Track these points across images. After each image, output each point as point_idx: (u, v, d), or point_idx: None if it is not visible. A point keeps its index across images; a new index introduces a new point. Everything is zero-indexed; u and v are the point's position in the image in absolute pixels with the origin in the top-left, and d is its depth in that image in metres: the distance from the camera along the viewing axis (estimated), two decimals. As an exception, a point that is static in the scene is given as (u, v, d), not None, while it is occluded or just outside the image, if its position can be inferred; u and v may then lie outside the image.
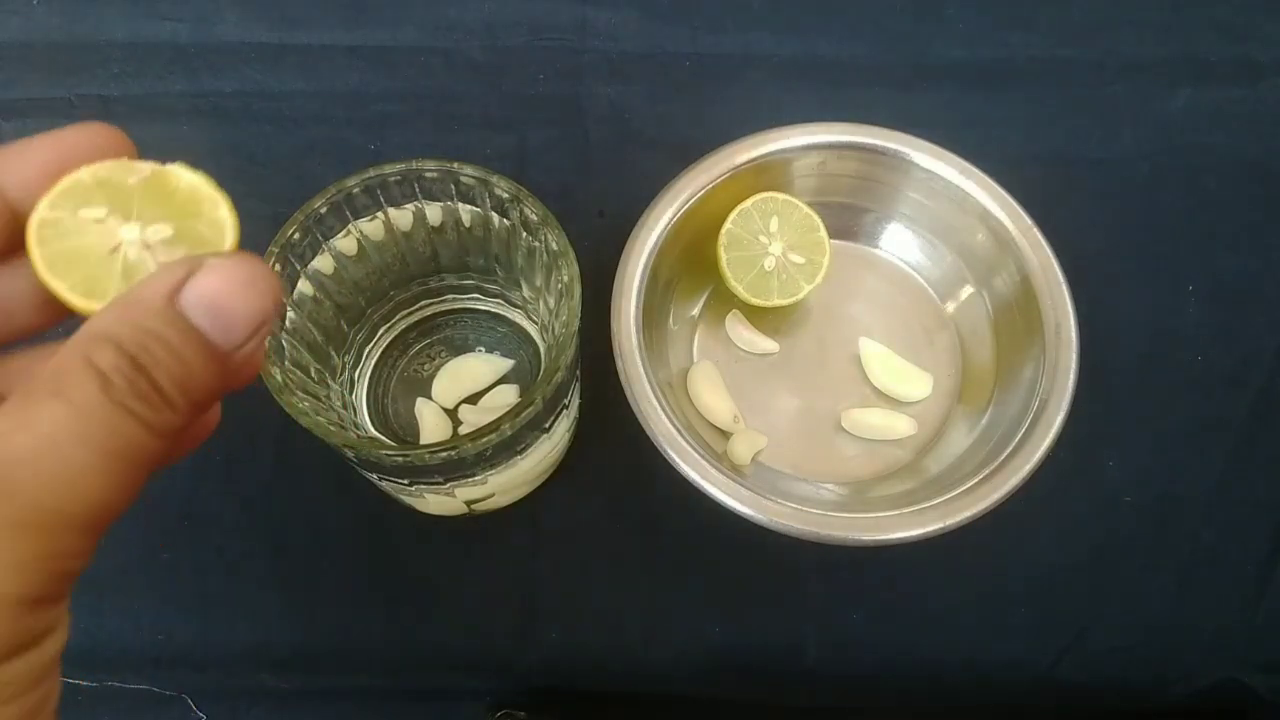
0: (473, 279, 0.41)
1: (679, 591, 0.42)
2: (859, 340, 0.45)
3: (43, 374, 0.18)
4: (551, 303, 0.36)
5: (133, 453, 0.18)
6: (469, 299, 0.42)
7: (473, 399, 0.42)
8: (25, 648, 0.17)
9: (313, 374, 0.36)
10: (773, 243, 0.44)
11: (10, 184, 0.22)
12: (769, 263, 0.44)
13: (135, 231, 0.23)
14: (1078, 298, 0.41)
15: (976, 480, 0.38)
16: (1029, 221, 0.42)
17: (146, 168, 0.25)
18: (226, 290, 0.20)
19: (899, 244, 0.47)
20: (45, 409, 0.17)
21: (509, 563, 0.42)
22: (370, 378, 0.42)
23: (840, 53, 0.53)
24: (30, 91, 0.50)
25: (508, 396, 0.42)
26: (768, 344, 0.45)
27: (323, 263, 0.35)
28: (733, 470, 0.39)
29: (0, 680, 0.17)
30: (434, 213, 0.36)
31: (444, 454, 0.30)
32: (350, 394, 0.40)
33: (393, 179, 0.34)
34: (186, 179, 0.25)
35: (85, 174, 0.23)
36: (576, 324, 0.33)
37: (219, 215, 0.24)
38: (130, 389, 0.18)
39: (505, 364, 0.42)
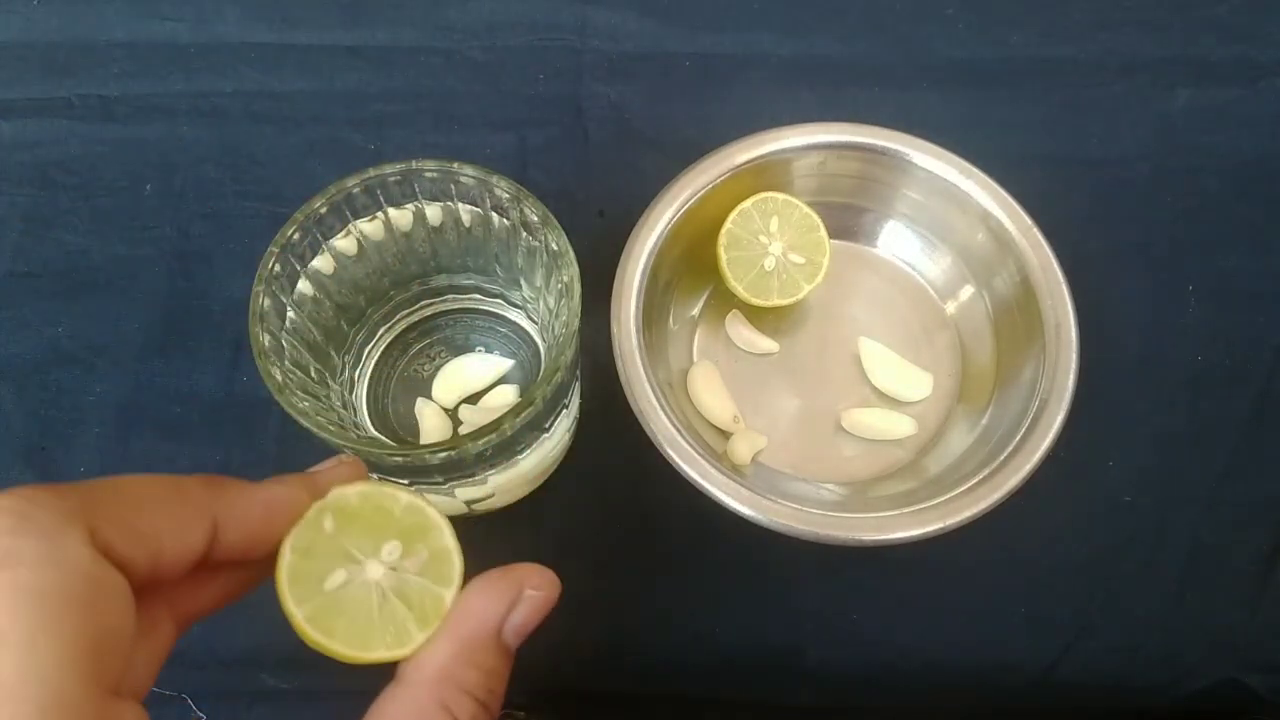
0: (473, 279, 0.41)
1: (679, 591, 0.42)
2: (859, 340, 0.45)
3: (397, 713, 0.20)
4: (551, 303, 0.36)
5: None
6: (469, 299, 0.42)
7: (473, 399, 0.42)
8: None
9: (313, 374, 0.36)
10: (773, 243, 0.44)
11: (230, 523, 0.21)
12: (769, 263, 0.44)
13: (379, 568, 0.24)
14: (1078, 298, 0.41)
15: (976, 480, 0.38)
16: (1029, 221, 0.42)
17: (362, 490, 0.25)
18: (539, 616, 0.23)
19: (899, 244, 0.47)
20: None
21: (509, 562, 0.42)
22: (370, 378, 0.42)
23: (840, 53, 0.53)
24: (30, 91, 0.50)
25: (508, 396, 0.42)
26: (768, 344, 0.45)
27: (323, 263, 0.35)
28: (733, 470, 0.39)
29: None
30: (434, 213, 0.36)
31: (444, 454, 0.30)
32: (350, 394, 0.40)
33: (393, 179, 0.34)
34: (405, 499, 0.25)
35: (314, 513, 0.24)
36: (576, 324, 0.33)
37: (434, 522, 0.25)
38: None
39: (505, 364, 0.42)
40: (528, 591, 0.23)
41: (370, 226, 0.36)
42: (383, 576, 0.24)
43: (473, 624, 0.22)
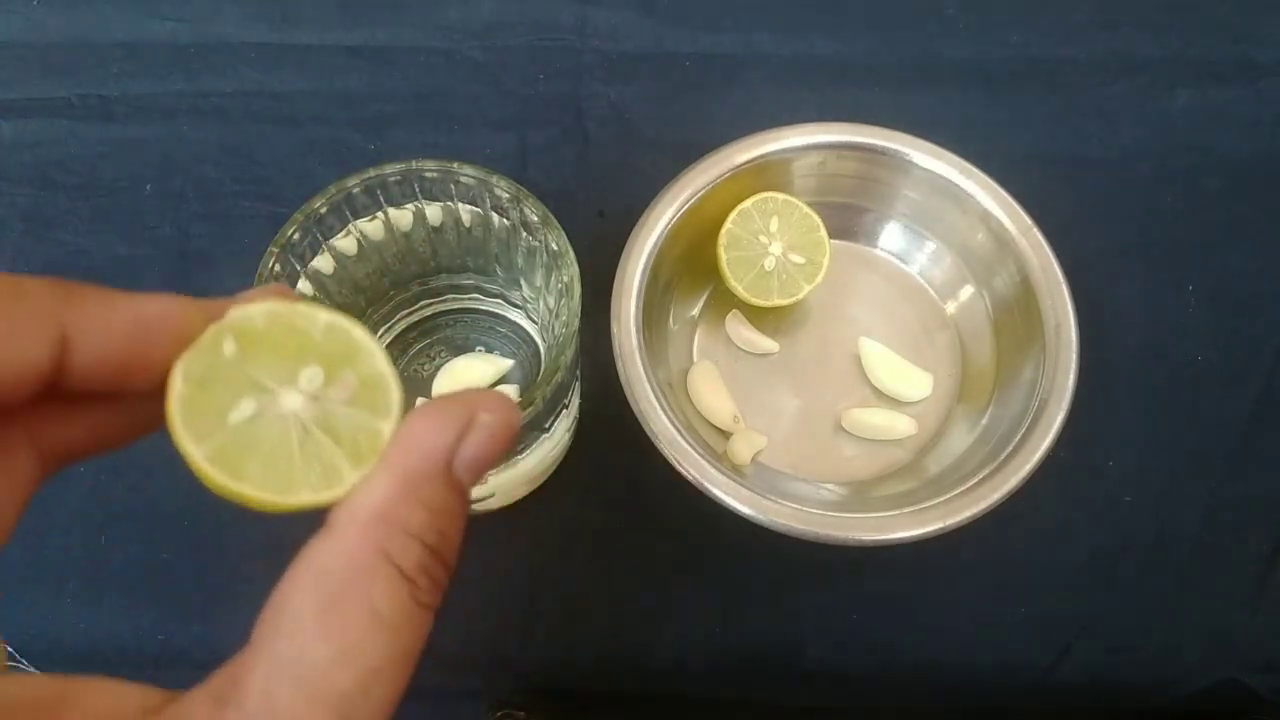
0: (473, 279, 0.41)
1: (679, 591, 0.42)
2: (859, 340, 0.45)
3: (326, 566, 0.17)
4: (551, 303, 0.36)
5: (421, 645, 0.17)
6: (469, 299, 0.42)
7: (473, 399, 0.42)
8: None
9: (313, 374, 0.36)
10: (773, 243, 0.44)
11: (84, 335, 0.17)
12: (769, 263, 0.44)
13: (297, 398, 0.19)
14: (1078, 298, 0.41)
15: (976, 480, 0.38)
16: (1029, 221, 0.42)
17: (270, 309, 0.20)
18: (495, 448, 0.18)
19: (899, 244, 0.47)
20: (365, 638, 0.16)
21: (509, 563, 0.42)
22: (370, 378, 0.41)
23: (840, 53, 0.53)
24: (30, 91, 0.50)
25: (508, 396, 0.42)
26: (768, 344, 0.45)
27: (323, 263, 0.35)
28: (733, 470, 0.39)
29: None
30: (434, 213, 0.36)
31: (444, 454, 0.30)
32: (350, 394, 0.40)
33: (393, 179, 0.34)
34: (324, 319, 0.20)
35: (211, 335, 0.19)
36: (576, 324, 0.33)
37: (365, 346, 0.20)
38: (431, 585, 0.17)
39: (505, 364, 0.42)
40: (482, 416, 0.18)
41: (370, 226, 0.36)
42: (302, 407, 0.19)
43: (416, 455, 0.18)
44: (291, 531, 0.17)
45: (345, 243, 0.36)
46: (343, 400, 0.20)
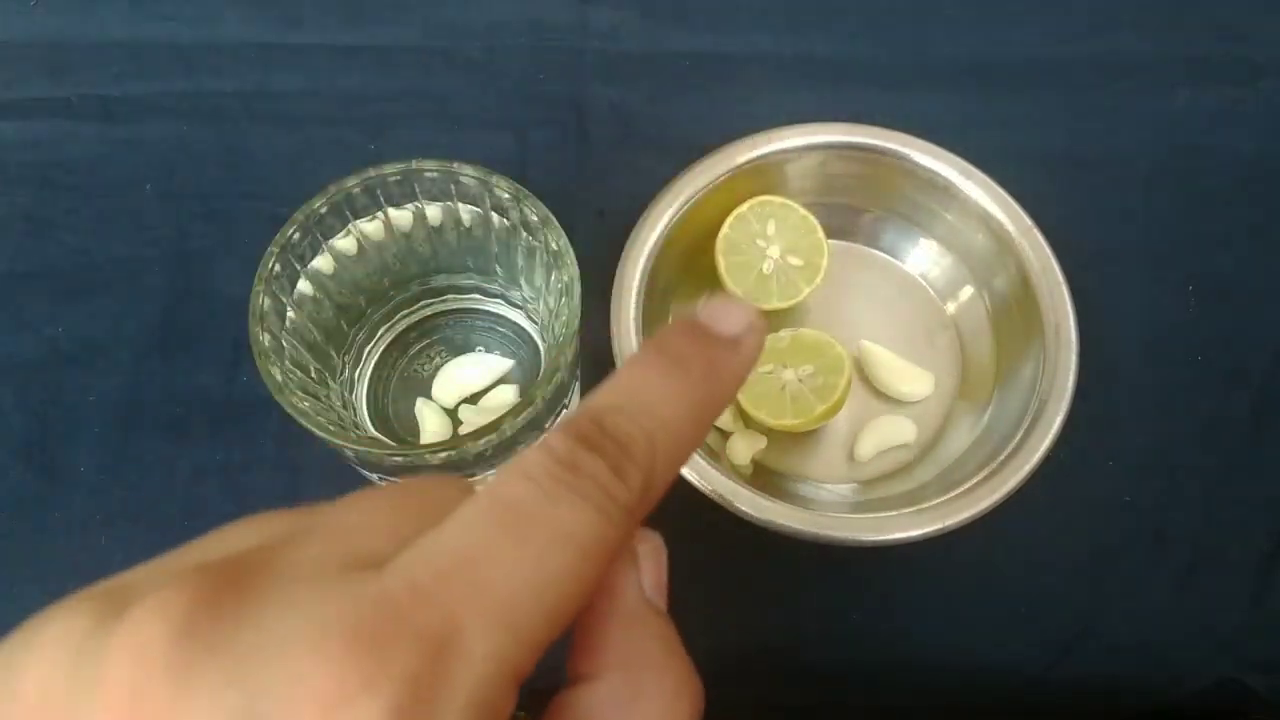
0: (473, 279, 0.41)
1: (678, 591, 0.42)
2: (859, 341, 0.45)
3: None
4: (551, 303, 0.36)
5: None
6: (469, 299, 0.42)
7: (473, 399, 0.42)
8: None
9: (313, 374, 0.36)
10: (770, 246, 0.44)
11: None
12: (767, 266, 0.44)
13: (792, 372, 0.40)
14: (1078, 298, 0.41)
15: (976, 480, 0.38)
16: (1029, 222, 0.42)
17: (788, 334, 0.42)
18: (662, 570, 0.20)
19: (899, 244, 0.47)
20: None
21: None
22: (370, 378, 0.42)
23: (840, 53, 0.53)
24: (30, 91, 0.50)
25: (508, 396, 0.42)
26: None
27: (323, 263, 0.35)
28: (733, 470, 0.39)
29: None
30: (434, 213, 0.36)
31: (444, 454, 0.30)
32: (350, 394, 0.40)
33: (393, 179, 0.34)
34: (811, 336, 0.42)
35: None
36: (576, 324, 0.33)
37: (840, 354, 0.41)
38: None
39: (505, 364, 0.42)
40: (642, 547, 0.20)
41: (370, 226, 0.36)
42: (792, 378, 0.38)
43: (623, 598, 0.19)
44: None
45: (345, 243, 0.36)
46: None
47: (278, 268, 0.33)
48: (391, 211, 0.36)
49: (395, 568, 0.14)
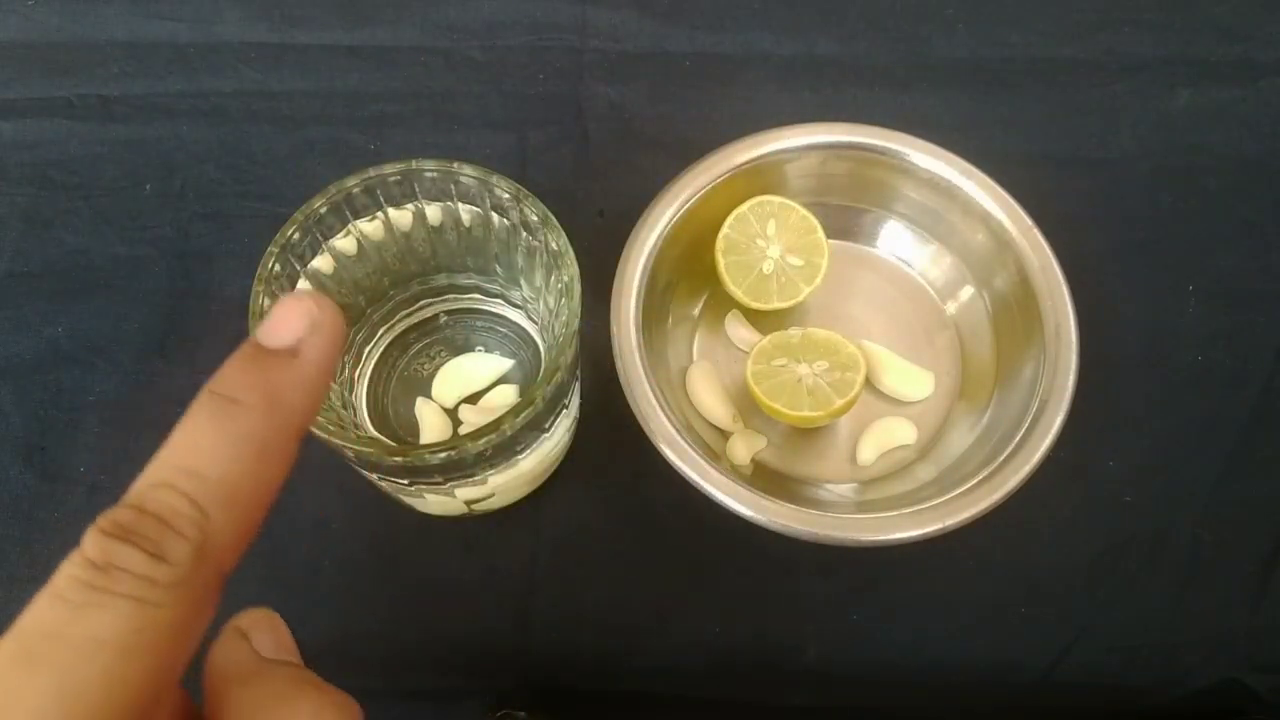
0: (473, 279, 0.41)
1: (679, 591, 0.42)
2: (859, 341, 0.45)
3: None
4: (551, 303, 0.36)
5: None
6: (469, 299, 0.42)
7: (473, 399, 0.42)
8: None
9: (313, 374, 0.36)
10: (770, 246, 0.44)
11: None
12: (767, 266, 0.44)
13: (807, 367, 0.41)
14: (1078, 298, 0.41)
15: (976, 480, 0.38)
16: (1029, 222, 0.42)
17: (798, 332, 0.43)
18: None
19: (899, 244, 0.47)
20: None
21: (509, 562, 0.42)
22: (370, 378, 0.42)
23: (840, 53, 0.53)
24: (30, 91, 0.50)
25: (508, 396, 0.42)
26: (768, 344, 0.45)
27: (323, 263, 0.35)
28: (732, 470, 0.39)
29: None
30: (434, 213, 0.36)
31: (444, 454, 0.30)
32: (350, 394, 0.40)
33: (393, 179, 0.34)
34: (821, 334, 0.43)
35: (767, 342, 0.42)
36: (576, 324, 0.33)
37: (854, 352, 0.42)
38: None
39: (505, 364, 0.42)
40: (245, 620, 0.21)
41: (370, 226, 0.36)
42: (808, 372, 0.39)
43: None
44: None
45: (345, 243, 0.36)
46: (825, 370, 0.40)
47: (278, 268, 0.33)
48: (391, 211, 0.36)
49: None
